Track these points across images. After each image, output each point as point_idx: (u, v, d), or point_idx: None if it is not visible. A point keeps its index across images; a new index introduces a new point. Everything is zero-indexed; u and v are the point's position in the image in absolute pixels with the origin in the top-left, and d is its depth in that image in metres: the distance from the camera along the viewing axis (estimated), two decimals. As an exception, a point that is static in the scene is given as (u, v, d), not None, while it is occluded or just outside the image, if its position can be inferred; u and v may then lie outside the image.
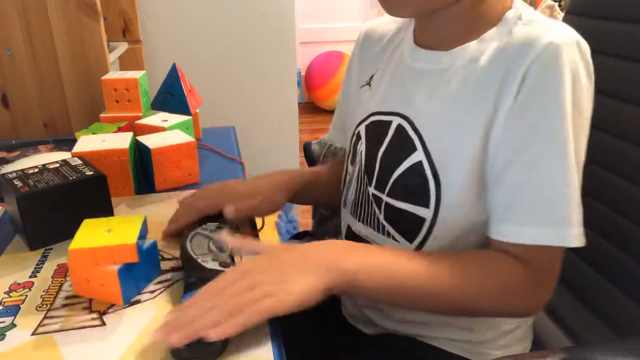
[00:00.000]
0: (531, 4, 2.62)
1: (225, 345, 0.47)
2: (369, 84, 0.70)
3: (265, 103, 1.85)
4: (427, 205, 0.59)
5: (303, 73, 3.81)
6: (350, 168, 0.71)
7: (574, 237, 0.53)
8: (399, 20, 0.71)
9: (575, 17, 0.79)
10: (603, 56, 0.72)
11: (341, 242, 0.56)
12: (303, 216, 2.14)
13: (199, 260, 0.56)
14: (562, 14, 2.39)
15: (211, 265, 0.55)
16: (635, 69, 0.67)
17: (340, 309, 0.75)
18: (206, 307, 0.46)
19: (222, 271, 0.54)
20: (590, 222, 0.71)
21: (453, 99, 0.58)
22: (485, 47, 0.57)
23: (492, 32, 0.58)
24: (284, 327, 0.51)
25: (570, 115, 0.52)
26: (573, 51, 0.52)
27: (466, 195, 0.57)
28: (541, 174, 0.52)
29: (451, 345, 0.64)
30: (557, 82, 0.51)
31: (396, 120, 0.63)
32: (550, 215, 0.53)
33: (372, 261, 0.53)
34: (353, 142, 0.70)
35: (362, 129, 0.68)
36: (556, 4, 2.43)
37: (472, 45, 0.58)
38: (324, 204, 0.93)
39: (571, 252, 0.76)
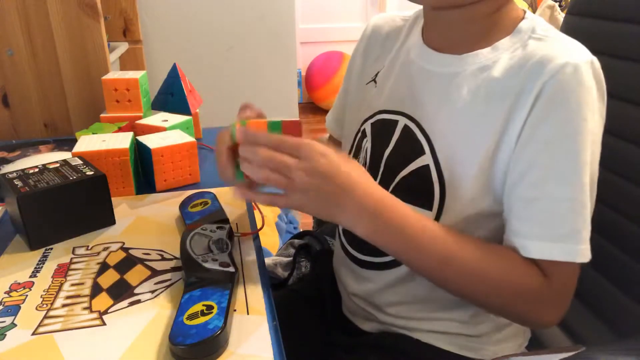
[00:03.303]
0: (531, 4, 2.62)
1: (224, 344, 0.47)
2: (374, 80, 0.70)
3: (266, 103, 1.84)
4: (429, 208, 0.60)
5: (303, 73, 3.80)
6: None
7: (581, 252, 0.53)
8: (407, 17, 0.70)
9: (575, 17, 0.79)
10: (603, 56, 0.72)
11: (373, 202, 0.53)
12: (303, 216, 2.14)
13: (199, 260, 0.56)
14: (562, 14, 2.39)
15: (211, 265, 0.55)
16: (636, 69, 0.67)
17: (341, 305, 0.76)
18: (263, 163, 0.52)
19: (222, 271, 0.54)
20: (590, 222, 0.70)
21: (464, 107, 0.58)
22: (497, 56, 0.57)
23: (505, 41, 0.58)
24: (284, 326, 0.51)
25: (582, 134, 0.52)
26: (588, 71, 0.52)
27: (469, 202, 0.58)
28: (551, 190, 0.53)
29: (447, 340, 0.64)
30: (571, 101, 0.52)
31: (402, 121, 0.63)
32: (558, 231, 0.53)
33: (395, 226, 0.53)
34: (358, 138, 0.70)
35: (367, 127, 0.68)
36: (557, 4, 2.43)
37: (484, 52, 0.58)
38: None
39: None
